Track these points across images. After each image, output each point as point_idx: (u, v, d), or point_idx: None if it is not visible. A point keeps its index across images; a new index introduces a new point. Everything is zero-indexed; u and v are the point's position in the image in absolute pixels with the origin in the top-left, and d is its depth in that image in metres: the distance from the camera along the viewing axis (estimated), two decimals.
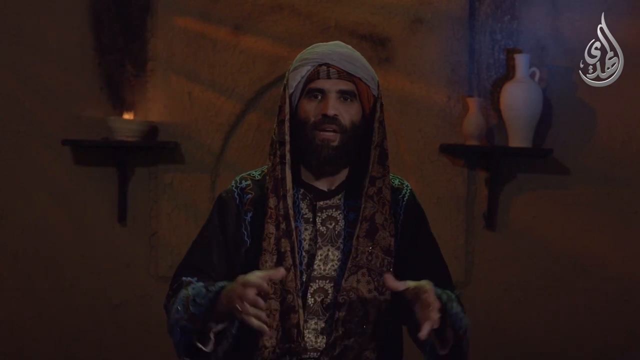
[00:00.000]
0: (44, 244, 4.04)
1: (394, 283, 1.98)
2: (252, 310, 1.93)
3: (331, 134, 2.15)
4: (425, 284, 1.97)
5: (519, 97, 3.87)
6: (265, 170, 2.24)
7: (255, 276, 1.96)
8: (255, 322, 1.94)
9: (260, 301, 1.94)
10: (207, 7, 4.02)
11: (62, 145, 3.97)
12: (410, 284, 1.98)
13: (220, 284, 2.06)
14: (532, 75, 3.90)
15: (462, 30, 4.00)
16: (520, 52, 3.95)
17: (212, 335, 2.06)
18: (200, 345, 2.06)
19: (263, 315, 1.94)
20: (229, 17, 4.01)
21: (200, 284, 2.12)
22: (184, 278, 2.17)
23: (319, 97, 2.17)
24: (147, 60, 4.03)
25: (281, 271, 2.00)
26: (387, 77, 3.95)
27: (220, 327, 2.06)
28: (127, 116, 3.98)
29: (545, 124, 3.96)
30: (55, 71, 4.02)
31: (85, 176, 4.04)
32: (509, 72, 3.99)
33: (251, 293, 1.93)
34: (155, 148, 4.02)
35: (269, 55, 4.01)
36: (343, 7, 4.01)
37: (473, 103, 3.93)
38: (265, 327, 1.95)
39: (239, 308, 1.94)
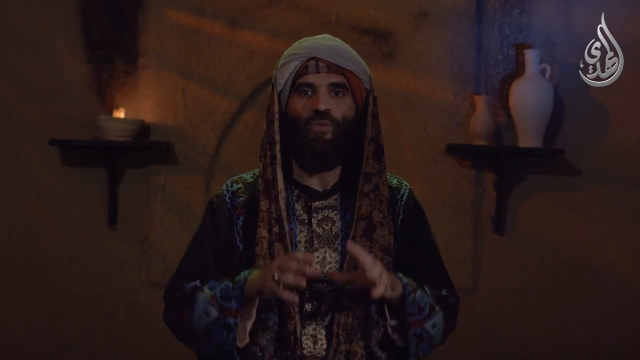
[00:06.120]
0: (32, 248, 4.01)
1: (356, 250, 2.01)
2: (292, 279, 1.95)
3: (324, 126, 2.13)
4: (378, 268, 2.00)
5: (529, 95, 3.85)
6: (257, 173, 2.24)
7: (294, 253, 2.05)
8: (286, 295, 1.97)
9: (304, 270, 1.98)
10: (201, 1, 4.00)
11: (50, 146, 3.94)
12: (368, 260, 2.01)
13: (245, 272, 2.07)
14: (543, 72, 3.88)
15: (469, 25, 3.98)
16: (530, 47, 3.94)
17: (247, 334, 2.08)
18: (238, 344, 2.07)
19: (303, 283, 1.97)
20: (225, 10, 3.99)
21: (213, 281, 2.12)
22: (186, 285, 2.14)
23: (309, 93, 2.16)
24: (139, 56, 4.00)
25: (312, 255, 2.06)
26: (391, 74, 3.95)
27: (253, 320, 2.07)
28: (118, 115, 3.95)
29: (556, 122, 3.95)
30: (42, 67, 3.99)
31: (74, 178, 4.01)
32: (518, 69, 3.97)
33: (294, 263, 1.97)
34: (147, 148, 4.00)
35: (267, 51, 3.97)
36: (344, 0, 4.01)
37: (480, 101, 3.91)
38: (296, 298, 1.99)
39: (277, 277, 1.96)
